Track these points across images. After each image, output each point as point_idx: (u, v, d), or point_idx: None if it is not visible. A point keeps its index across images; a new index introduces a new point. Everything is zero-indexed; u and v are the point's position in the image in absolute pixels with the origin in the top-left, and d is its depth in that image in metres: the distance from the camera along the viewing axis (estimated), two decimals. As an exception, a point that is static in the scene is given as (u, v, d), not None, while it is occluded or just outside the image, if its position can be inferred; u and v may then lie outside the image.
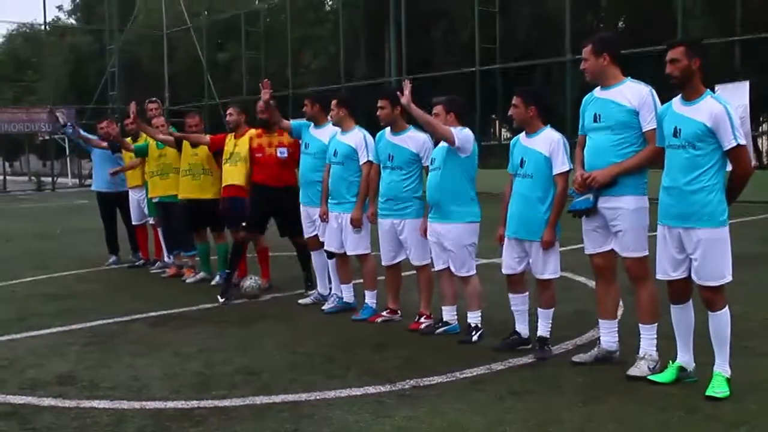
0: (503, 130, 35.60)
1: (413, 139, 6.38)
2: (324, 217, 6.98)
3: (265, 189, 7.69)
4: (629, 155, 4.88)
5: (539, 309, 5.59)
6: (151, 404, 4.68)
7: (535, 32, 27.65)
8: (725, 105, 4.44)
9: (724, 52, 21.97)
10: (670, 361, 4.80)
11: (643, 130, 4.86)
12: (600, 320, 5.30)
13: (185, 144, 8.60)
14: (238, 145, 8.15)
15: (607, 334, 5.25)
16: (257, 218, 7.79)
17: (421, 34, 31.28)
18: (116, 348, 6.03)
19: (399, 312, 6.72)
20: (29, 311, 7.53)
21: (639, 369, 4.91)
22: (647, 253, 4.99)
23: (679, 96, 4.61)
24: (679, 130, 4.51)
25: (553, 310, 5.58)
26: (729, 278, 4.51)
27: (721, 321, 4.54)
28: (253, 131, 8.04)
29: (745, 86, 18.28)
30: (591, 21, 28.22)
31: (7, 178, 44.47)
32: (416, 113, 5.82)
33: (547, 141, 5.42)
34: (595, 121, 5.01)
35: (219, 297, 7.71)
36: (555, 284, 5.61)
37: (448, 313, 6.24)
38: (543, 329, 5.53)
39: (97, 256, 10.75)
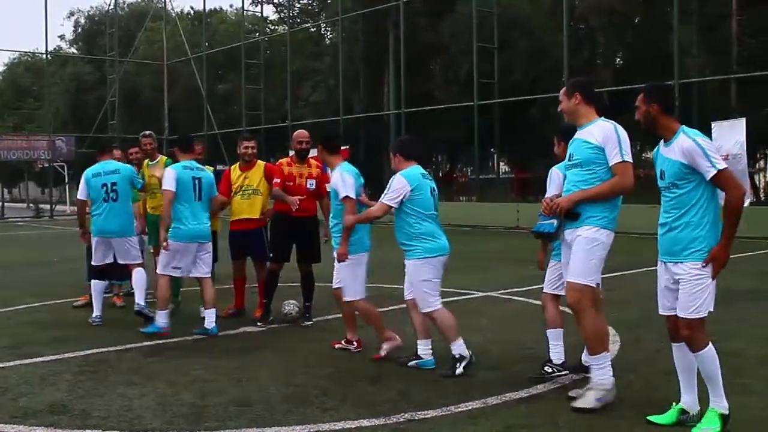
0: (501, 163, 35.80)
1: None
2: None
3: (292, 218, 7.79)
4: None
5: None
6: (143, 435, 4.64)
7: (533, 68, 27.92)
8: (694, 138, 4.44)
9: (721, 90, 22.17)
10: (674, 403, 4.71)
11: (609, 165, 4.99)
12: (590, 355, 5.29)
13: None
14: (249, 178, 8.23)
15: (599, 369, 5.21)
16: (284, 248, 7.95)
17: (420, 68, 31.58)
18: (109, 377, 5.99)
19: (355, 343, 6.78)
20: (23, 339, 7.48)
21: (585, 400, 4.93)
22: (591, 285, 5.02)
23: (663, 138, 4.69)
24: (663, 171, 4.58)
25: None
26: (703, 314, 4.44)
27: (705, 360, 4.47)
28: (283, 160, 8.13)
29: (741, 123, 18.42)
30: (588, 57, 28.46)
31: (6, 204, 44.51)
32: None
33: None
34: (569, 159, 5.22)
35: (258, 323, 7.87)
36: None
37: (421, 348, 6.18)
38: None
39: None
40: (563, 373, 5.65)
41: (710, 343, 4.48)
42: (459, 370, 5.84)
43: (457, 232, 21.74)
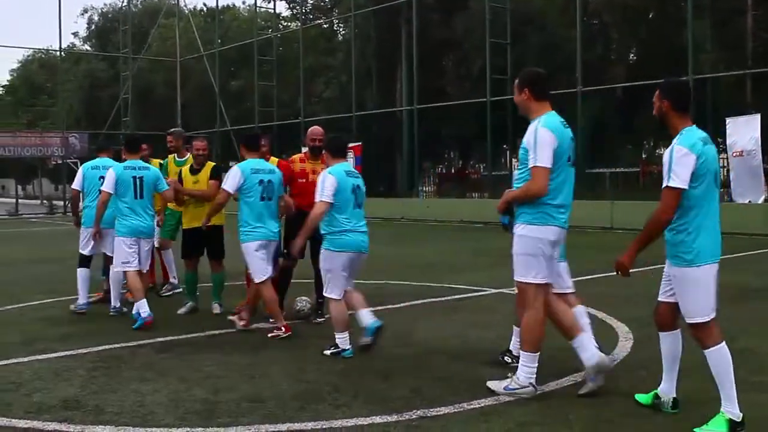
0: (513, 160, 35.70)
1: None
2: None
3: (307, 215, 7.74)
4: None
5: None
6: (156, 431, 4.66)
7: (546, 63, 27.79)
8: (673, 147, 4.38)
9: (735, 86, 22.02)
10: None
11: (529, 167, 5.03)
12: (571, 342, 5.29)
13: (185, 173, 8.66)
14: None
15: (584, 351, 5.21)
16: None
17: (433, 64, 31.52)
18: (122, 373, 6.02)
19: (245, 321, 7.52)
20: (36, 335, 7.53)
21: (495, 383, 5.20)
22: (531, 282, 5.14)
23: None
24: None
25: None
26: (698, 319, 4.41)
27: (712, 359, 4.42)
28: (296, 156, 8.18)
29: (756, 119, 18.33)
30: (602, 53, 28.34)
31: (20, 201, 44.81)
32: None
33: None
34: None
35: (270, 319, 7.73)
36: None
37: (339, 338, 6.48)
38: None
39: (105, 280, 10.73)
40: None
41: (722, 343, 4.42)
42: (327, 352, 6.42)
43: (470, 228, 21.71)
